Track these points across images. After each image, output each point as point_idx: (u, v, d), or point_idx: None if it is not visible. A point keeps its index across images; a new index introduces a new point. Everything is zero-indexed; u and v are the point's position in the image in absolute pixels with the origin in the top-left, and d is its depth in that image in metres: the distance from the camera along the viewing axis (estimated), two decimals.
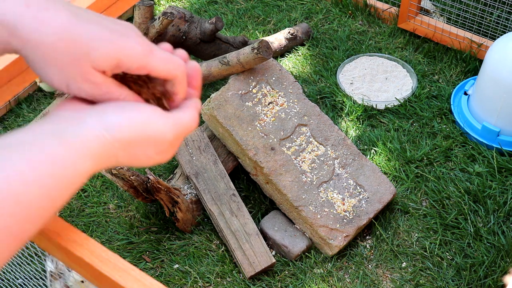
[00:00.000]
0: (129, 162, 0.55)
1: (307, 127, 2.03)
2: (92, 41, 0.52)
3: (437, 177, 2.11)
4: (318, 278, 1.88)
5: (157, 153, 0.56)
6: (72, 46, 0.52)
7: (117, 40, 0.53)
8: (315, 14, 2.78)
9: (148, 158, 0.56)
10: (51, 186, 0.49)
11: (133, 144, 0.54)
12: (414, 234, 1.98)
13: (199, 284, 1.88)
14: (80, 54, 0.52)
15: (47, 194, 0.49)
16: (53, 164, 0.49)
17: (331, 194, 1.94)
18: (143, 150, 0.55)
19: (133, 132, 0.53)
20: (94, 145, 0.51)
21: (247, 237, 1.88)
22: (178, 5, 2.90)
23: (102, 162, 0.53)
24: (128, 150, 0.54)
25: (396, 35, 2.65)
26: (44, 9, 0.51)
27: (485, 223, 1.98)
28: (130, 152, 0.54)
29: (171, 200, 1.92)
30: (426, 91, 2.40)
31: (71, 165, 0.50)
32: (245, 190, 2.09)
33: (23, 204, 0.47)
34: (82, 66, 0.53)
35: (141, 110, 0.55)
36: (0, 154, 0.47)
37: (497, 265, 1.86)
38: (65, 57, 0.52)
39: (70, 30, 0.51)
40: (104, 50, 0.52)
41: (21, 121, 2.42)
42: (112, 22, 0.55)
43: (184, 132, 0.57)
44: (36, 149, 0.49)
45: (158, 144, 0.55)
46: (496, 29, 2.50)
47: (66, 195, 0.51)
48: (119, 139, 0.53)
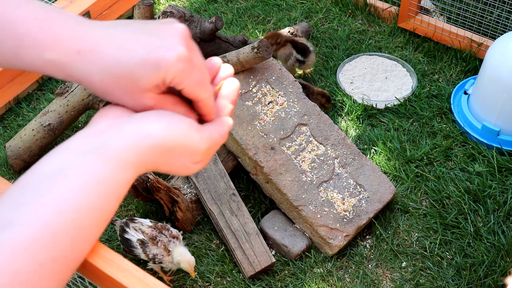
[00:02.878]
0: (167, 169, 0.57)
1: (307, 127, 2.03)
2: (136, 71, 0.54)
3: (437, 176, 2.11)
4: (318, 277, 1.88)
5: (192, 163, 0.58)
6: (120, 81, 0.55)
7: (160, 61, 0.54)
8: (315, 13, 2.78)
9: (183, 167, 0.58)
10: (99, 205, 0.51)
11: (171, 153, 0.56)
12: (414, 233, 1.98)
13: (199, 283, 1.88)
14: (128, 85, 0.55)
15: (97, 213, 0.51)
16: (98, 184, 0.50)
17: (331, 194, 1.94)
18: (179, 159, 0.57)
19: (171, 142, 0.55)
20: (134, 154, 0.53)
21: (247, 236, 1.88)
22: (178, 4, 2.90)
23: (143, 168, 0.55)
24: (165, 158, 0.56)
25: (396, 34, 2.65)
26: (91, 51, 0.54)
27: (485, 223, 1.98)
28: (167, 160, 0.56)
29: (171, 200, 1.91)
30: (426, 91, 2.40)
31: (114, 180, 0.52)
32: (245, 190, 2.09)
33: (79, 230, 0.49)
34: (133, 94, 0.56)
35: (180, 121, 0.56)
36: (45, 185, 0.49)
37: (497, 264, 1.86)
38: (116, 90, 0.55)
39: (115, 66, 0.54)
40: (149, 76, 0.54)
41: (20, 120, 2.41)
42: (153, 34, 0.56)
43: (215, 147, 0.59)
44: (79, 173, 0.50)
45: (193, 155, 0.57)
46: (496, 29, 2.50)
47: (114, 207, 0.53)
48: (158, 147, 0.54)
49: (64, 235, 0.48)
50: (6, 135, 2.38)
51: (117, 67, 0.54)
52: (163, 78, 0.55)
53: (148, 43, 0.55)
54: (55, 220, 0.47)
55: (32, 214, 0.47)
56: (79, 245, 0.49)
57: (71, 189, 0.49)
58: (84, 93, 2.21)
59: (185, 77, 0.56)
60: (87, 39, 0.54)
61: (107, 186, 0.51)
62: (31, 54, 0.54)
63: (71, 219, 0.48)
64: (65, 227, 0.48)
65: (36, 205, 0.48)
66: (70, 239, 0.48)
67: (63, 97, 2.21)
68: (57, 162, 0.51)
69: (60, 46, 0.54)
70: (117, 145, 0.53)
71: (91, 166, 0.51)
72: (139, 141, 0.53)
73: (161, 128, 0.55)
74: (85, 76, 0.54)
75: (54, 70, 0.55)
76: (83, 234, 0.50)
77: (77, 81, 0.55)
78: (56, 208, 0.48)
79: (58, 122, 2.20)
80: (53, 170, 0.50)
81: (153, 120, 0.55)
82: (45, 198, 0.48)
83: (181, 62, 0.55)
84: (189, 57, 0.56)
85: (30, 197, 0.48)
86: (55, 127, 2.19)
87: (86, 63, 0.54)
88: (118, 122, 0.55)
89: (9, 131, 2.40)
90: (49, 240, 0.47)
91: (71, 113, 2.21)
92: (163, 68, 0.54)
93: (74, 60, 0.54)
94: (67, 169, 0.50)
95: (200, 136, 0.57)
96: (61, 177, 0.49)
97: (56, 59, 0.54)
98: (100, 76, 0.54)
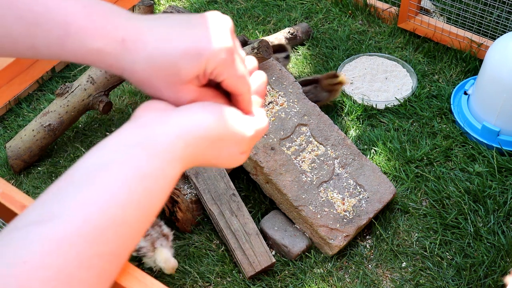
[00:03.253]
0: (215, 161, 0.57)
1: (307, 127, 2.03)
2: (179, 62, 0.54)
3: (437, 177, 2.11)
4: (318, 277, 1.88)
5: (240, 152, 0.58)
6: (162, 71, 0.55)
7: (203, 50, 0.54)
8: (315, 14, 2.78)
9: (232, 157, 0.58)
10: (144, 200, 0.50)
11: (220, 143, 0.56)
12: (414, 234, 1.98)
13: (199, 283, 1.88)
14: (170, 76, 0.55)
15: (142, 208, 0.50)
16: (143, 178, 0.50)
17: (331, 194, 1.94)
18: (228, 148, 0.57)
19: (221, 130, 0.55)
20: (181, 147, 0.53)
21: (247, 237, 1.88)
22: (178, 4, 2.90)
23: (190, 161, 0.54)
24: (214, 148, 0.55)
25: (396, 34, 2.65)
26: (135, 41, 0.54)
27: (485, 223, 1.98)
28: (216, 151, 0.56)
29: (171, 200, 1.92)
30: (426, 91, 2.40)
31: (161, 175, 0.51)
32: (245, 190, 2.09)
33: (124, 226, 0.48)
34: (174, 87, 0.56)
35: (226, 110, 0.56)
36: (89, 179, 0.48)
37: (497, 265, 1.86)
38: (157, 81, 0.55)
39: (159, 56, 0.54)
40: (190, 66, 0.54)
41: (21, 121, 2.41)
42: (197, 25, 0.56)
43: (261, 134, 0.60)
44: (123, 167, 0.49)
45: (241, 144, 0.57)
46: (496, 29, 2.50)
47: (160, 203, 0.52)
48: (208, 137, 0.54)
49: (109, 230, 0.47)
50: (7, 135, 2.38)
51: (160, 58, 0.54)
52: (204, 68, 0.55)
53: (192, 34, 0.55)
54: (99, 214, 0.47)
55: (76, 208, 0.46)
56: (123, 241, 0.48)
57: (115, 183, 0.48)
58: (84, 94, 2.21)
59: (226, 69, 0.56)
60: (131, 28, 0.55)
61: (153, 181, 0.50)
62: (76, 43, 0.54)
63: (116, 214, 0.47)
64: (110, 222, 0.47)
65: (80, 199, 0.47)
66: (115, 235, 0.47)
67: (63, 97, 2.21)
68: (102, 156, 0.50)
69: (105, 35, 0.54)
70: (164, 138, 0.52)
71: (136, 160, 0.50)
72: (187, 133, 0.53)
73: (210, 117, 0.55)
74: (128, 65, 0.55)
75: (97, 60, 0.55)
76: (127, 229, 0.48)
77: (119, 71, 0.55)
78: (100, 202, 0.47)
79: (58, 122, 2.20)
80: (98, 163, 0.49)
81: (200, 110, 0.55)
82: (89, 192, 0.47)
83: (223, 52, 0.55)
84: (231, 49, 0.56)
85: (74, 190, 0.48)
86: (55, 128, 2.20)
87: (130, 52, 0.54)
88: (163, 114, 0.55)
89: (9, 131, 2.40)
90: (94, 235, 0.46)
91: (71, 113, 2.22)
92: (204, 57, 0.54)
93: (118, 49, 0.54)
94: (111, 163, 0.49)
95: (247, 124, 0.58)
96: (106, 171, 0.49)
97: (102, 48, 0.54)
98: (142, 66, 0.54)
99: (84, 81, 2.22)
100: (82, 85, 2.22)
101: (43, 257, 0.43)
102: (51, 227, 0.45)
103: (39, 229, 0.45)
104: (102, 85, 2.22)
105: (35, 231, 0.44)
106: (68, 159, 2.28)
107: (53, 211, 0.46)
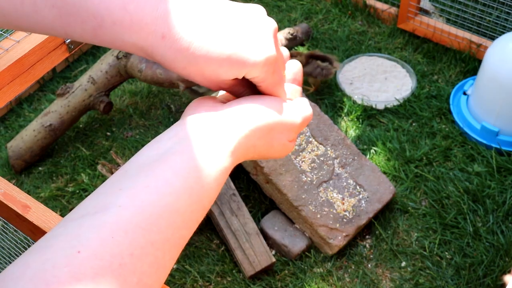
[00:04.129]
0: (266, 152, 0.58)
1: (306, 127, 2.04)
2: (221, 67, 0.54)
3: (437, 176, 2.11)
4: (318, 277, 1.89)
5: (289, 140, 0.59)
6: (203, 72, 0.54)
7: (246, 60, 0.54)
8: (314, 14, 2.79)
9: (282, 146, 0.58)
10: (197, 191, 0.50)
11: (272, 132, 0.56)
12: (414, 233, 1.99)
13: (199, 283, 1.89)
14: (211, 76, 0.55)
15: (195, 198, 0.50)
16: (197, 170, 0.50)
17: (331, 194, 1.95)
18: (279, 137, 0.57)
19: (272, 120, 0.56)
20: (233, 140, 0.53)
21: (247, 236, 1.89)
22: None
23: (242, 154, 0.55)
24: (266, 138, 0.56)
25: (395, 35, 2.66)
26: (176, 39, 0.53)
27: (484, 223, 1.99)
28: (267, 140, 0.57)
29: None
30: (425, 91, 2.41)
31: (214, 167, 0.51)
32: (245, 190, 2.10)
33: (177, 214, 0.48)
34: (215, 86, 0.56)
35: (274, 100, 0.57)
36: (144, 170, 0.49)
37: (496, 264, 1.87)
38: (197, 78, 0.55)
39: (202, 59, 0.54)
40: (232, 73, 0.54)
41: (22, 121, 2.42)
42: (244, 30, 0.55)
43: (307, 121, 0.60)
44: (178, 159, 0.50)
45: (290, 131, 0.58)
46: (495, 29, 2.51)
47: (212, 195, 0.52)
48: (260, 128, 0.55)
49: (163, 218, 0.47)
50: (8, 135, 2.39)
51: (203, 61, 0.53)
52: (245, 74, 0.55)
53: (236, 40, 0.54)
54: (154, 202, 0.47)
55: (131, 197, 0.47)
56: (177, 230, 0.48)
57: (170, 173, 0.49)
58: (85, 94, 2.22)
59: (267, 78, 0.56)
60: (172, 25, 0.53)
61: (205, 173, 0.51)
62: (111, 35, 0.53)
63: (169, 202, 0.48)
64: (164, 210, 0.47)
65: (135, 189, 0.47)
66: (169, 223, 0.47)
67: (64, 97, 2.21)
68: (155, 149, 0.51)
69: (143, 29, 0.52)
70: (216, 132, 0.53)
71: (191, 152, 0.51)
72: (239, 126, 0.54)
73: (260, 108, 0.55)
74: (169, 62, 0.54)
75: (135, 50, 0.55)
76: (181, 219, 0.49)
77: (157, 62, 0.55)
78: (155, 190, 0.47)
79: (59, 122, 2.21)
80: (153, 156, 0.50)
81: (250, 103, 0.56)
82: (144, 182, 0.48)
83: (266, 63, 0.55)
84: (275, 59, 0.56)
85: (129, 181, 0.48)
86: (56, 128, 2.20)
87: (171, 50, 0.53)
88: (213, 109, 0.55)
89: (11, 131, 2.41)
90: (148, 223, 0.46)
91: (72, 113, 2.22)
92: (247, 68, 0.54)
93: (158, 45, 0.53)
94: (166, 154, 0.50)
95: (295, 112, 0.58)
96: (161, 162, 0.49)
97: (138, 42, 0.53)
98: (184, 65, 0.54)
99: (84, 81, 2.23)
100: (82, 85, 2.22)
101: (96, 246, 0.43)
102: (106, 216, 0.45)
103: (94, 218, 0.45)
104: (102, 85, 2.23)
105: (89, 221, 0.45)
106: (69, 159, 2.29)
107: (107, 201, 0.46)
